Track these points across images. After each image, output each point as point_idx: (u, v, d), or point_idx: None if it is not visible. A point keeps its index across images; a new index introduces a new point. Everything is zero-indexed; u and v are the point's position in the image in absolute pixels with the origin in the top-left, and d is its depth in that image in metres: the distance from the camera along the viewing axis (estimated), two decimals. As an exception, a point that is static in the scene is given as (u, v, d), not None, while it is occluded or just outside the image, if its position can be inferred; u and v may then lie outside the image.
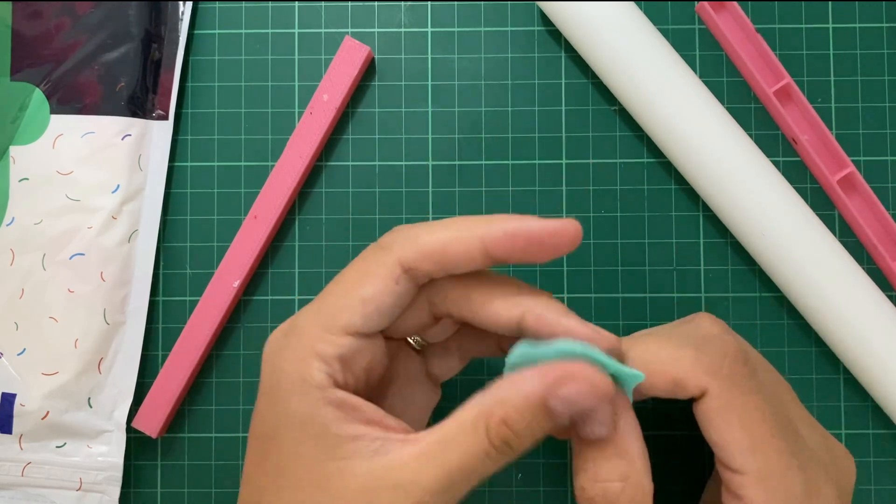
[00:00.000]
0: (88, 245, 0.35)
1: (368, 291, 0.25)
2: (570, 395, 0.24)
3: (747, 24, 0.36)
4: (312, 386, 0.25)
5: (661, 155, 0.37)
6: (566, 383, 0.24)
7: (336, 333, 0.25)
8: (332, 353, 0.25)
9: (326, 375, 0.25)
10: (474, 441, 0.24)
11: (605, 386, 0.24)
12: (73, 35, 0.37)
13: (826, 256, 0.34)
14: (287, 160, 0.36)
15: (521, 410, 0.24)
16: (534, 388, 0.24)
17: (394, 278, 0.25)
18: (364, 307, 0.25)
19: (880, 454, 0.36)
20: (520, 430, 0.24)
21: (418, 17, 0.38)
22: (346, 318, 0.25)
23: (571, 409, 0.24)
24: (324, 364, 0.25)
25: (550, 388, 0.24)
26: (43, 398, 0.35)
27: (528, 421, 0.24)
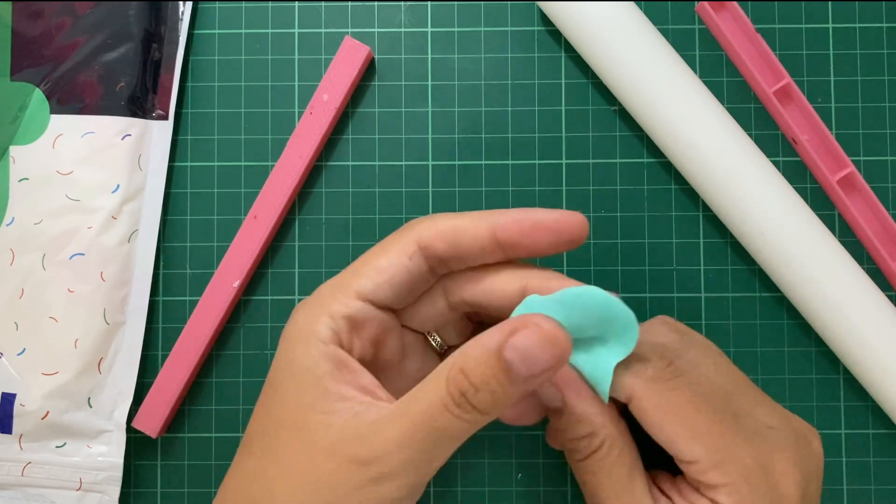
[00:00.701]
0: (88, 245, 0.35)
1: (383, 262, 0.27)
2: (522, 343, 0.24)
3: (747, 24, 0.36)
4: (316, 339, 0.26)
5: (661, 155, 0.37)
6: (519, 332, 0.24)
7: (348, 295, 0.27)
8: (340, 312, 0.26)
9: (331, 332, 0.26)
10: (435, 390, 0.24)
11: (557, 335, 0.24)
12: (73, 35, 0.37)
13: (826, 256, 0.34)
14: (287, 160, 0.36)
15: (477, 360, 0.24)
16: (491, 338, 0.24)
17: (408, 253, 0.27)
18: (377, 275, 0.27)
19: (880, 454, 0.36)
20: (476, 380, 0.24)
21: (418, 17, 0.38)
22: (360, 283, 0.27)
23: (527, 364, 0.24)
24: (331, 320, 0.26)
25: (505, 338, 0.24)
26: (43, 398, 0.35)
27: (484, 372, 0.24)
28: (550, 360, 0.24)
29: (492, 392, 0.24)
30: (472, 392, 0.24)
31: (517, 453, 0.36)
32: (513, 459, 0.36)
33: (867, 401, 0.36)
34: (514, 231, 0.27)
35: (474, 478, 0.36)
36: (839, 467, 0.36)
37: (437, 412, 0.24)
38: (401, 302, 0.28)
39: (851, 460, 0.36)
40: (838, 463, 0.36)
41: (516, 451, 0.36)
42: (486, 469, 0.36)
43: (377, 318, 0.27)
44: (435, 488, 0.36)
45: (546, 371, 0.24)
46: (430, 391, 0.24)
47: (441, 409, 0.24)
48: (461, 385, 0.24)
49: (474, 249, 0.27)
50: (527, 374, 0.24)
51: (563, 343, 0.24)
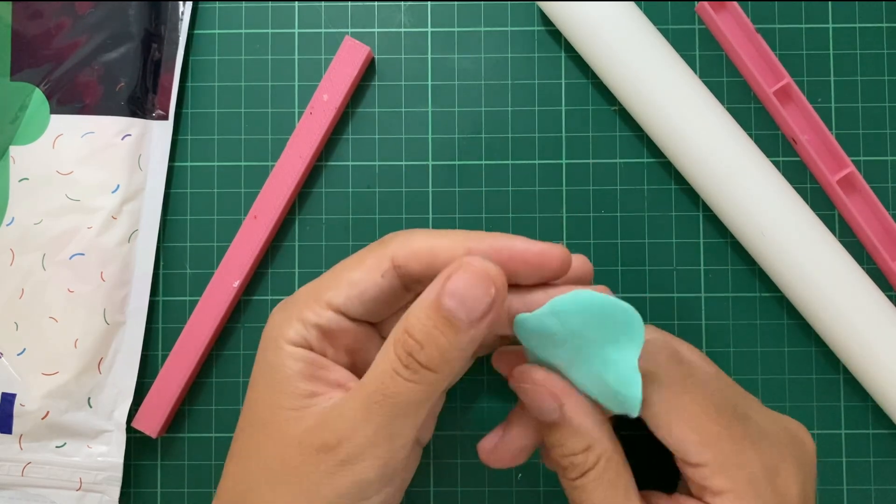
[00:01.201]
0: (88, 245, 0.35)
1: (356, 276, 0.27)
2: (457, 287, 0.23)
3: (747, 24, 0.36)
4: (285, 340, 0.26)
5: (661, 155, 0.37)
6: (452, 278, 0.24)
7: (320, 305, 0.27)
8: (311, 320, 0.26)
9: (301, 337, 0.26)
10: (384, 360, 0.24)
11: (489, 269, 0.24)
12: (73, 35, 0.37)
13: (826, 256, 0.34)
14: (287, 160, 0.36)
15: (418, 315, 0.24)
16: (428, 293, 0.24)
17: (381, 270, 0.27)
18: (348, 288, 0.27)
19: (880, 454, 0.36)
20: (419, 336, 0.24)
21: (418, 17, 0.38)
22: (331, 294, 0.27)
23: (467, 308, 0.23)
24: (302, 327, 0.26)
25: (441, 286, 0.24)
26: (43, 398, 0.35)
27: (427, 326, 0.24)
28: (488, 298, 0.24)
29: (437, 346, 0.24)
30: (418, 349, 0.24)
31: (517, 453, 0.36)
32: (513, 459, 0.36)
33: (867, 401, 0.36)
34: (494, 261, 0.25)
35: (474, 478, 0.36)
36: (839, 467, 0.36)
37: (388, 380, 0.24)
38: (374, 316, 0.27)
39: (851, 460, 0.36)
40: (838, 463, 0.36)
41: (516, 451, 0.36)
42: (486, 469, 0.36)
43: (350, 330, 0.27)
44: (435, 488, 0.36)
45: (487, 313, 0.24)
46: (380, 360, 0.25)
47: (392, 376, 0.24)
48: (407, 344, 0.24)
49: None
50: (467, 318, 0.23)
51: (498, 277, 0.24)
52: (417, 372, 0.24)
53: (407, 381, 0.24)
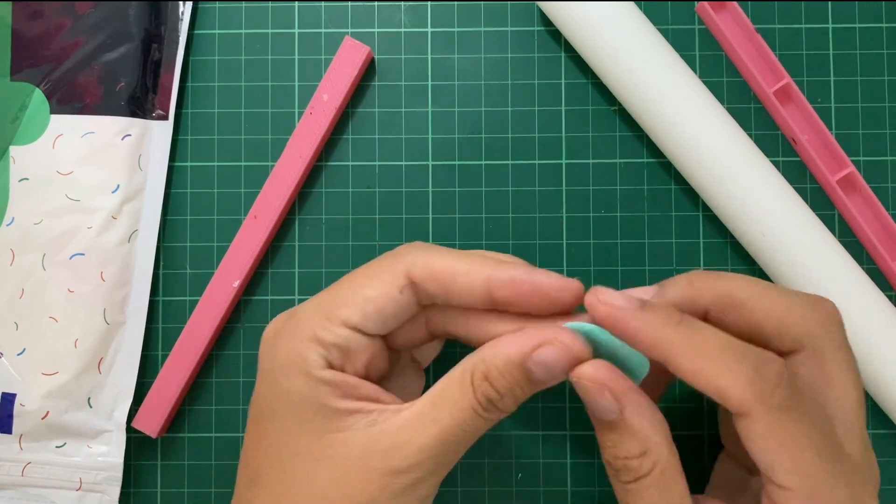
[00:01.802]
0: (88, 245, 0.35)
1: (372, 292, 0.27)
2: (546, 359, 0.25)
3: (747, 24, 0.36)
4: (311, 365, 0.26)
5: (661, 155, 0.37)
6: (543, 347, 0.25)
7: (336, 324, 0.26)
8: (329, 340, 0.26)
9: (323, 359, 0.26)
10: (462, 397, 0.25)
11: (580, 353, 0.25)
12: (73, 35, 0.37)
13: (826, 256, 0.34)
14: (287, 160, 0.36)
15: (501, 370, 0.25)
16: (515, 349, 0.25)
17: (398, 286, 0.27)
18: (365, 306, 0.26)
19: (880, 454, 0.36)
20: (501, 389, 0.25)
21: (418, 17, 0.38)
22: (347, 313, 0.26)
23: (548, 374, 0.25)
24: (321, 348, 0.26)
25: (529, 352, 0.25)
26: (43, 398, 0.35)
27: (509, 380, 0.25)
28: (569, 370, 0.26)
29: (515, 397, 0.26)
30: (498, 398, 0.25)
31: (517, 453, 0.36)
32: (513, 459, 0.36)
33: (867, 401, 0.36)
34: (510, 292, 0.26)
35: (474, 478, 0.36)
36: (839, 467, 0.36)
37: (466, 416, 0.25)
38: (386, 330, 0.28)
39: (851, 460, 0.36)
40: (838, 463, 0.36)
41: (516, 451, 0.36)
42: (486, 469, 0.36)
43: (366, 346, 0.27)
44: (435, 488, 0.36)
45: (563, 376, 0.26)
46: (458, 398, 0.25)
47: (471, 414, 0.25)
48: (487, 392, 0.25)
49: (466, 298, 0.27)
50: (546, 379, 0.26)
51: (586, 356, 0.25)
52: (493, 412, 0.26)
53: (483, 419, 0.26)
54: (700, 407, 0.36)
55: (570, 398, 0.36)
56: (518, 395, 0.26)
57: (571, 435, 0.36)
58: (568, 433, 0.36)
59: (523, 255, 0.37)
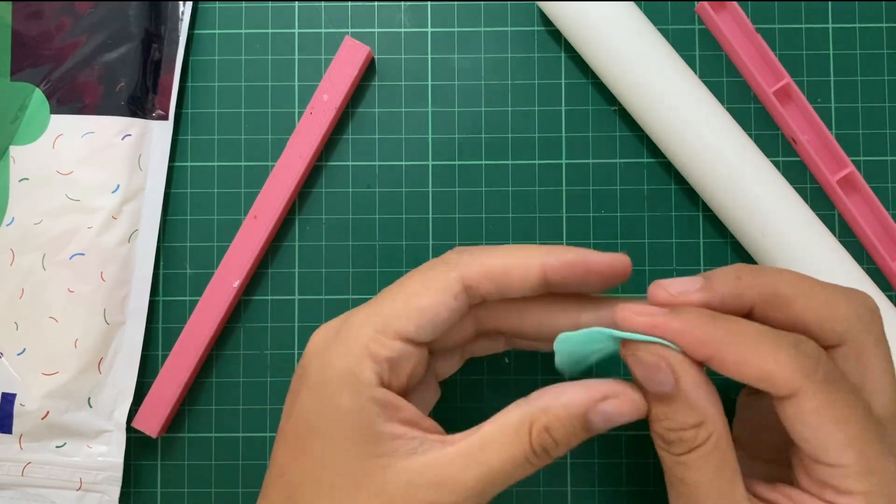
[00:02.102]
0: (88, 245, 0.35)
1: (427, 302, 0.26)
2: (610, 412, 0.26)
3: (747, 24, 0.36)
4: (363, 383, 0.26)
5: (661, 155, 0.37)
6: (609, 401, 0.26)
7: (390, 337, 0.26)
8: (383, 355, 0.26)
9: (376, 375, 0.26)
10: (516, 445, 0.25)
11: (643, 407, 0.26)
12: (73, 35, 0.37)
13: (826, 256, 0.34)
14: (287, 160, 0.36)
15: (562, 420, 0.26)
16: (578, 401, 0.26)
17: (453, 294, 0.27)
18: (420, 317, 0.26)
19: (880, 454, 0.36)
20: (559, 439, 0.26)
21: (418, 17, 0.38)
22: (402, 325, 0.26)
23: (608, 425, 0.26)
24: (375, 364, 0.26)
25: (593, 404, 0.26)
26: (43, 398, 0.35)
27: (568, 431, 0.26)
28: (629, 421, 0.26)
29: (570, 445, 0.26)
30: (554, 447, 0.26)
31: (517, 453, 0.36)
32: (513, 459, 0.36)
33: (867, 401, 0.36)
34: (567, 274, 0.27)
35: (474, 478, 0.36)
36: (839, 467, 0.36)
37: (518, 464, 0.26)
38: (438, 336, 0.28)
39: (851, 460, 0.36)
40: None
41: (516, 451, 0.36)
42: (486, 469, 0.36)
43: (414, 355, 0.27)
44: (435, 488, 0.36)
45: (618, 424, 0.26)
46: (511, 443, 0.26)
47: (523, 462, 0.26)
48: (545, 442, 0.26)
49: (520, 290, 0.27)
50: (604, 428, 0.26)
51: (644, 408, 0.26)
52: (544, 460, 0.26)
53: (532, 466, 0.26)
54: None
55: (570, 398, 0.36)
56: (573, 443, 0.26)
57: (571, 435, 0.36)
58: (568, 433, 0.36)
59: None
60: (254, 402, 0.37)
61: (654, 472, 0.36)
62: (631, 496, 0.36)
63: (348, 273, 0.37)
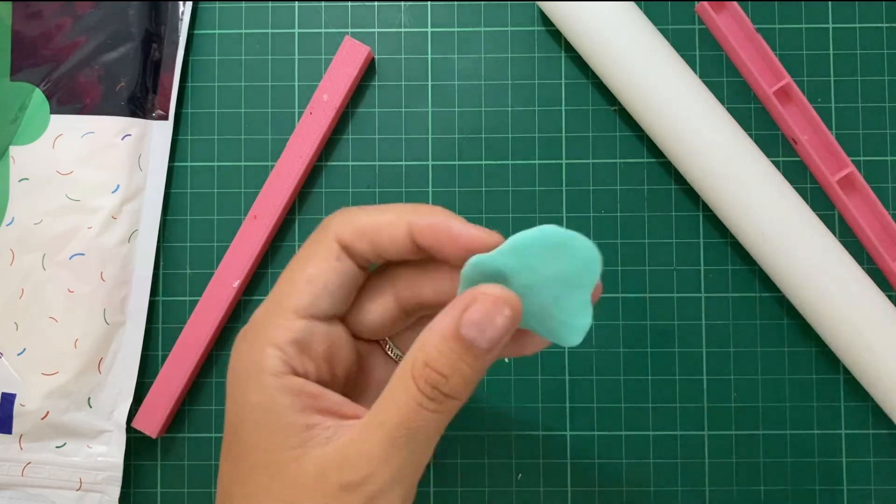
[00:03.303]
0: (88, 245, 0.35)
1: (312, 270, 0.25)
2: (476, 317, 0.23)
3: (747, 24, 0.36)
4: (267, 374, 0.24)
5: (661, 155, 0.37)
6: (471, 307, 0.23)
7: (287, 318, 0.25)
8: (284, 338, 0.25)
9: (281, 362, 0.25)
10: (405, 394, 0.24)
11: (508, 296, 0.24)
12: (73, 35, 0.37)
13: (826, 256, 0.34)
14: (287, 160, 0.36)
15: (438, 347, 0.23)
16: (445, 321, 0.24)
17: (334, 255, 0.25)
18: (310, 287, 0.25)
19: (880, 454, 0.36)
20: (444, 369, 0.23)
21: (418, 17, 0.38)
22: (294, 301, 0.25)
23: (487, 335, 0.23)
24: (277, 350, 0.25)
25: (459, 317, 0.23)
26: (43, 398, 0.35)
27: (449, 357, 0.23)
28: (508, 323, 0.24)
29: (461, 375, 0.24)
30: (443, 381, 0.23)
31: (517, 453, 0.36)
32: (513, 459, 0.36)
33: (867, 401, 0.36)
34: (430, 236, 0.25)
35: (474, 478, 0.36)
36: (839, 467, 0.36)
37: (412, 413, 0.23)
38: (340, 307, 0.26)
39: (851, 460, 0.36)
40: (838, 463, 0.36)
41: (516, 451, 0.36)
42: (486, 469, 0.36)
43: (323, 333, 0.26)
44: (435, 488, 0.36)
45: (505, 335, 0.24)
46: (399, 394, 0.24)
47: (416, 409, 0.24)
48: (430, 378, 0.23)
49: (394, 250, 0.26)
50: (488, 344, 0.23)
51: (515, 301, 0.24)
52: (442, 402, 0.24)
53: (432, 413, 0.24)
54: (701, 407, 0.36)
55: (571, 398, 0.36)
56: (465, 373, 0.24)
57: (571, 435, 0.36)
58: (568, 433, 0.36)
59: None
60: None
61: (655, 472, 0.36)
62: (631, 496, 0.36)
63: (348, 273, 0.37)
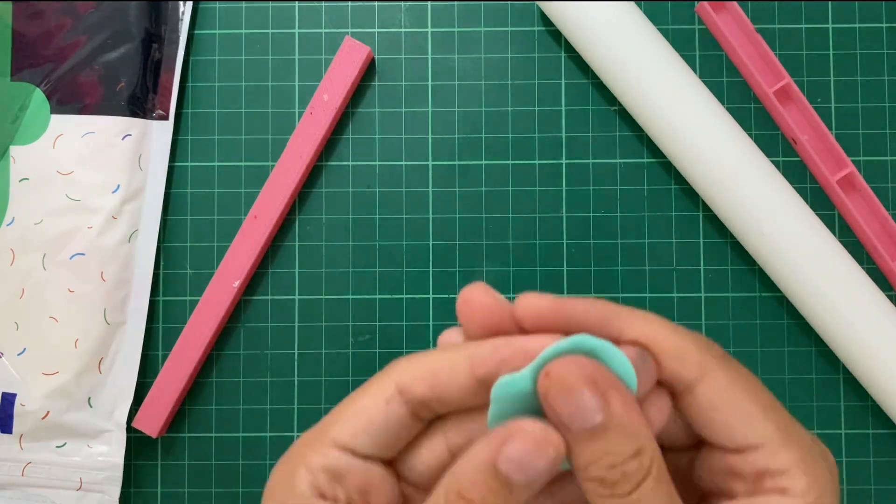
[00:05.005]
0: (88, 245, 0.35)
1: (359, 405, 0.25)
2: (516, 454, 0.22)
3: (747, 24, 0.36)
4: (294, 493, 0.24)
5: (661, 155, 0.37)
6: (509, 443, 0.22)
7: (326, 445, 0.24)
8: (318, 464, 0.24)
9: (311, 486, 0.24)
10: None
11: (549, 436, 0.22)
12: (73, 35, 0.37)
13: (826, 256, 0.34)
14: (287, 160, 0.36)
15: (473, 480, 0.23)
16: (482, 453, 0.23)
17: (385, 397, 0.24)
18: (354, 420, 0.25)
19: (880, 454, 0.36)
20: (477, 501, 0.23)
21: (418, 17, 0.38)
22: (336, 431, 0.25)
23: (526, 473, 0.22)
24: (308, 473, 0.24)
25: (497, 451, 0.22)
26: (43, 398, 0.35)
27: (482, 490, 0.23)
28: (550, 464, 0.22)
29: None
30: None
31: (517, 453, 0.36)
32: (513, 459, 0.36)
33: (867, 401, 0.36)
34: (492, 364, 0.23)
35: (474, 478, 0.36)
36: (839, 467, 0.36)
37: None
38: (384, 450, 0.25)
39: (851, 460, 0.36)
40: (838, 463, 0.36)
41: (516, 451, 0.36)
42: (486, 469, 0.36)
43: (360, 469, 0.25)
44: (435, 488, 0.36)
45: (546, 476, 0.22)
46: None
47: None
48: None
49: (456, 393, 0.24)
50: (526, 480, 0.22)
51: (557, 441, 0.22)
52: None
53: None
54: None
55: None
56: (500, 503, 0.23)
57: (571, 435, 0.36)
58: (568, 433, 0.36)
59: (523, 255, 0.37)
60: (254, 402, 0.37)
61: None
62: (631, 496, 0.36)
63: (348, 273, 0.37)
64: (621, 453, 0.22)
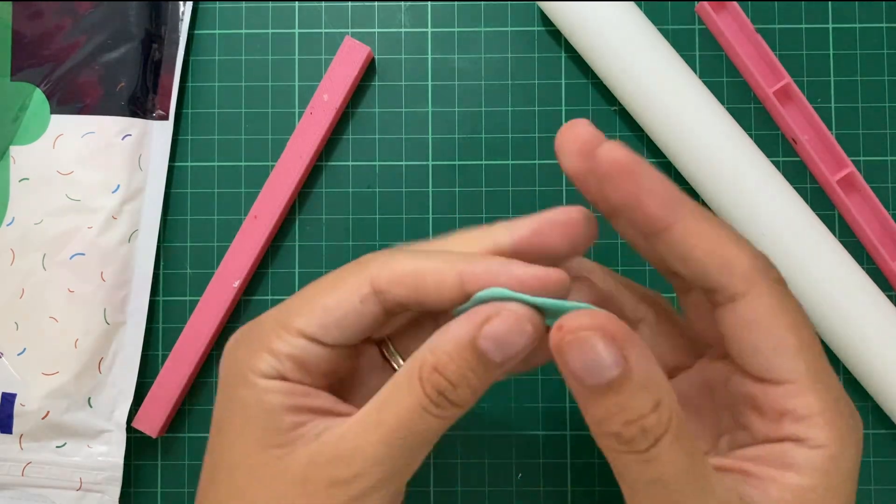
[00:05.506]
0: (88, 245, 0.35)
1: (331, 302, 0.24)
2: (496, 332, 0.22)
3: (747, 24, 0.36)
4: (258, 374, 0.24)
5: (661, 155, 0.37)
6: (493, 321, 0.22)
7: (292, 333, 0.24)
8: (284, 351, 0.24)
9: (274, 370, 0.24)
10: (409, 396, 0.23)
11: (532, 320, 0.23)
12: (73, 35, 0.37)
13: (826, 256, 0.34)
14: (287, 160, 0.36)
15: (451, 354, 0.23)
16: (462, 330, 0.23)
17: (360, 296, 0.24)
18: (323, 315, 0.24)
19: (880, 454, 0.36)
20: (453, 377, 0.23)
21: (418, 17, 0.38)
22: (303, 322, 0.24)
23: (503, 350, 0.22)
24: (273, 359, 0.24)
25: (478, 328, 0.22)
26: (43, 398, 0.35)
27: (460, 365, 0.23)
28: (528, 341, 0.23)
29: (470, 385, 0.23)
30: (451, 389, 0.23)
31: (517, 453, 0.36)
32: (513, 459, 0.36)
33: (867, 401, 0.36)
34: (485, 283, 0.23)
35: (474, 478, 0.36)
36: (839, 467, 0.36)
37: (415, 416, 0.23)
38: (352, 340, 0.25)
39: (851, 460, 0.36)
40: (838, 463, 0.36)
41: (516, 451, 0.36)
42: (486, 469, 0.36)
43: (325, 356, 0.25)
44: (435, 488, 0.36)
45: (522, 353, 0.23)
46: (404, 395, 0.23)
47: (419, 413, 0.23)
48: (438, 384, 0.23)
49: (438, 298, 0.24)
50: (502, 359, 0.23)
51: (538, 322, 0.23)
52: (446, 409, 0.23)
53: (434, 418, 0.23)
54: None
55: (571, 398, 0.36)
56: (473, 384, 0.23)
57: (571, 435, 0.36)
58: (568, 433, 0.36)
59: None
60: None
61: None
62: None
63: (348, 273, 0.37)
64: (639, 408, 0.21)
